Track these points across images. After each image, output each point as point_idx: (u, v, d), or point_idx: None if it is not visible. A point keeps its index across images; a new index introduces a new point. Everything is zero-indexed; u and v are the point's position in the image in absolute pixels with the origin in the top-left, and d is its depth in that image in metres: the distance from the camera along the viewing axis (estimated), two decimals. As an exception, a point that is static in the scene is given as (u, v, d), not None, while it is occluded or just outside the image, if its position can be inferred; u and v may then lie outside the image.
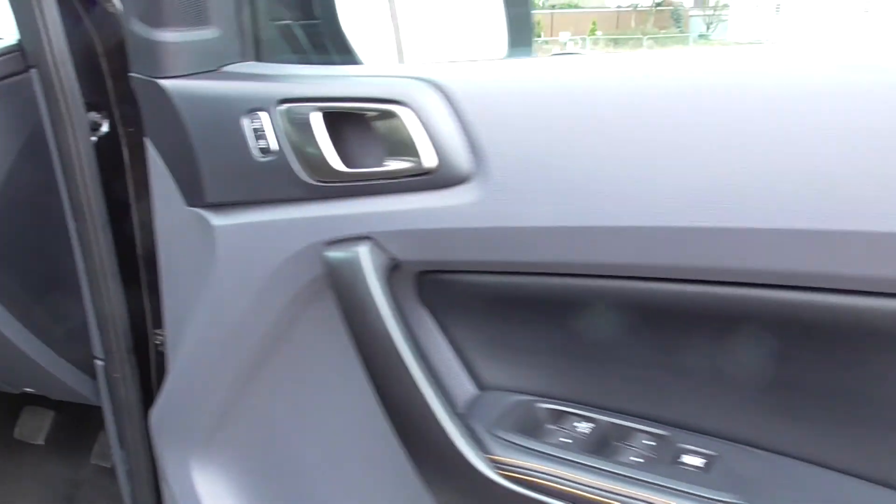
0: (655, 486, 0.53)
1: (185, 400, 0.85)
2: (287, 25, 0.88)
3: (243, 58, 0.79)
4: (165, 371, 0.89)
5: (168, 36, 0.74)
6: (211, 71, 0.76)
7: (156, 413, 0.89)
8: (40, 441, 1.40)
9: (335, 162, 0.65)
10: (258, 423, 0.82)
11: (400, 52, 0.97)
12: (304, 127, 0.66)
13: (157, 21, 0.74)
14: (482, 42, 1.01)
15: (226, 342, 0.77)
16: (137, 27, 0.76)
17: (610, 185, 0.53)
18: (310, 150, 0.66)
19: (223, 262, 0.74)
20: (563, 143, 0.55)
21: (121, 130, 0.94)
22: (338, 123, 0.66)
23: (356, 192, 0.64)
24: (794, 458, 0.55)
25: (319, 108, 0.66)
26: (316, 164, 0.66)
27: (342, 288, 0.64)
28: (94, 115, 0.90)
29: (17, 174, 0.93)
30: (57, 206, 0.92)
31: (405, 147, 0.61)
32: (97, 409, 1.18)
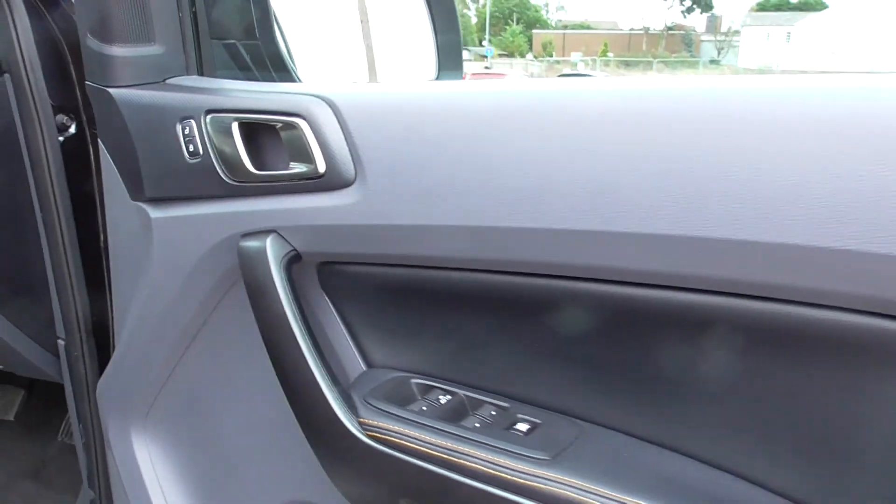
0: (481, 444, 0.62)
1: (128, 374, 0.95)
2: (232, 44, 0.98)
3: (187, 72, 0.89)
4: (111, 347, 0.99)
5: (116, 50, 0.84)
6: (156, 82, 0.86)
7: (102, 385, 0.98)
8: (10, 417, 1.49)
9: (249, 164, 0.75)
10: (187, 395, 0.91)
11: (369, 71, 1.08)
12: (226, 134, 0.77)
13: (106, 37, 0.84)
14: (416, 66, 1.12)
15: (160, 321, 0.87)
16: (90, 41, 0.86)
17: (457, 191, 0.63)
18: (229, 153, 0.76)
19: (159, 250, 0.84)
20: (425, 155, 0.65)
21: (87, 131, 1.04)
22: (253, 132, 0.77)
23: (265, 192, 0.74)
24: (607, 427, 0.64)
25: (237, 119, 0.76)
26: (234, 166, 0.76)
27: (249, 274, 0.73)
28: (61, 118, 1.00)
29: None
30: (25, 199, 1.02)
31: (304, 154, 0.71)
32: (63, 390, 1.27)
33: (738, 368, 0.58)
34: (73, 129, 1.02)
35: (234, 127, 0.76)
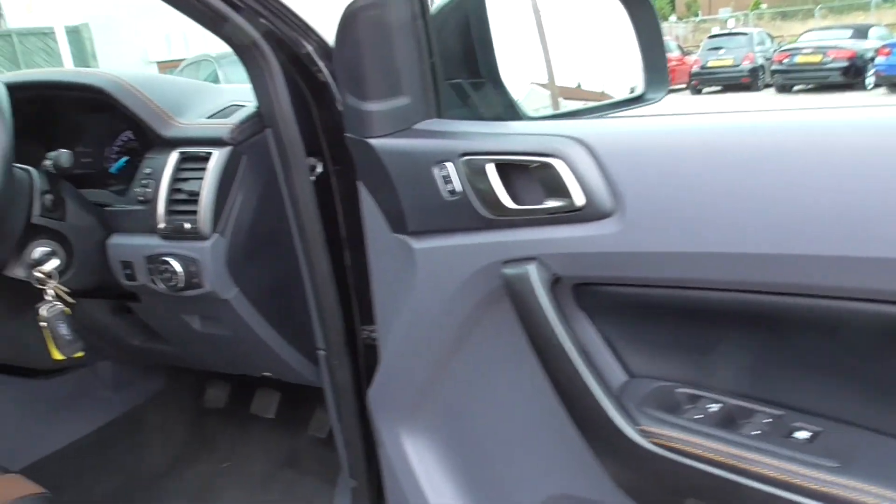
0: (770, 453, 0.68)
1: (395, 382, 1.09)
2: (458, 84, 1.09)
3: (427, 116, 1.01)
4: (378, 359, 1.14)
5: (372, 106, 0.97)
6: (404, 129, 0.99)
7: (372, 393, 1.14)
8: (271, 415, 1.73)
9: (506, 200, 0.85)
10: (452, 401, 1.04)
11: (555, 99, 1.16)
12: (481, 174, 0.87)
13: (364, 95, 0.97)
14: (621, 84, 1.18)
15: (425, 337, 1.00)
16: (350, 100, 1.00)
17: (713, 221, 0.69)
18: (486, 191, 0.87)
19: (422, 277, 0.97)
20: (680, 187, 0.72)
21: (331, 170, 1.20)
22: (506, 170, 0.87)
23: (523, 224, 0.84)
24: (889, 435, 0.68)
25: (493, 160, 0.87)
26: (491, 202, 0.87)
27: (517, 297, 0.84)
28: (311, 160, 1.17)
29: (262, 208, 1.23)
30: (287, 230, 1.20)
31: (559, 189, 0.80)
32: (313, 390, 1.46)
33: None
34: (319, 169, 1.18)
35: (490, 168, 0.87)
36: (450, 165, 0.90)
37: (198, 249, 1.15)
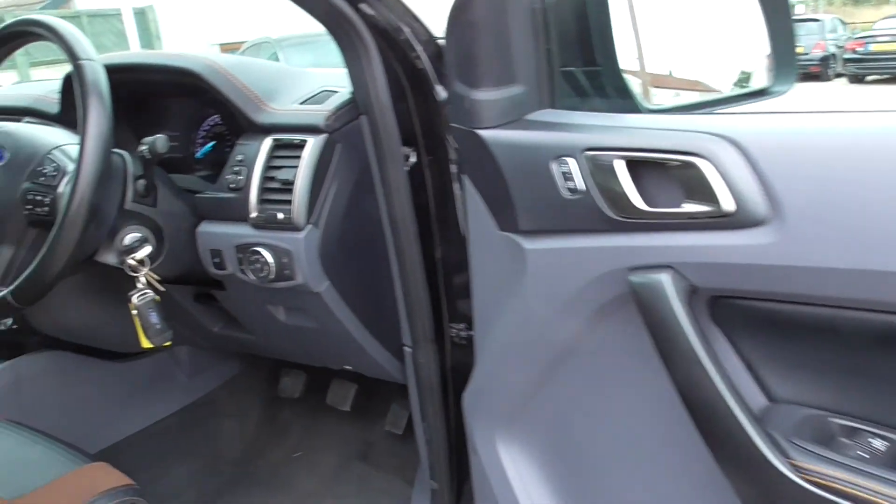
0: None
1: (493, 386, 1.04)
2: (571, 72, 1.02)
3: (540, 106, 0.95)
4: (473, 361, 1.09)
5: (483, 95, 0.91)
6: (515, 121, 0.93)
7: (467, 396, 1.09)
8: (346, 408, 1.70)
9: (638, 201, 0.78)
10: (557, 410, 0.98)
11: (671, 91, 1.08)
12: (608, 171, 0.81)
13: (474, 83, 0.92)
14: (738, 74, 1.09)
15: (531, 342, 0.94)
16: (459, 88, 0.94)
17: (885, 235, 0.61)
18: (614, 190, 0.80)
19: (532, 279, 0.90)
20: (853, 195, 0.64)
21: (424, 160, 1.15)
22: (636, 168, 0.80)
23: (657, 228, 0.77)
24: None
25: (623, 157, 0.80)
26: (619, 202, 0.80)
27: (647, 307, 0.77)
28: (405, 150, 1.12)
29: (355, 198, 1.18)
30: (378, 222, 1.16)
31: (703, 192, 0.73)
32: (389, 384, 1.43)
33: None
34: (413, 160, 1.13)
35: (619, 165, 0.80)
36: (571, 161, 0.84)
37: (291, 240, 1.11)
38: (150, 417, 1.73)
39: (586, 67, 1.03)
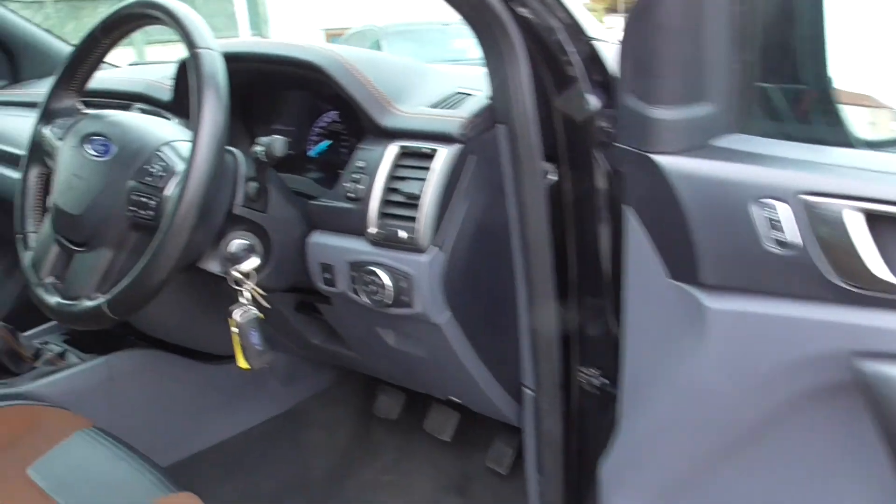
0: None
1: (641, 457, 0.88)
2: (765, 89, 0.84)
3: (727, 130, 0.78)
4: (612, 420, 0.93)
5: (664, 113, 0.75)
6: (701, 147, 0.76)
7: (609, 466, 0.93)
8: (446, 438, 1.57)
9: (877, 268, 0.61)
10: (716, 495, 0.82)
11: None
12: (836, 224, 0.63)
13: (655, 99, 0.76)
14: None
15: (702, 419, 0.78)
16: (632, 103, 0.78)
17: None
18: (842, 249, 0.62)
19: (714, 345, 0.74)
20: None
21: (567, 180, 0.99)
22: (877, 224, 0.62)
23: None
24: None
25: (862, 210, 0.62)
26: (850, 266, 0.62)
27: (881, 406, 0.59)
28: (545, 166, 0.97)
29: (486, 220, 1.03)
30: (508, 247, 1.01)
31: None
32: (490, 419, 1.28)
33: None
34: (552, 178, 0.98)
35: (855, 218, 0.62)
36: (781, 206, 0.66)
37: (413, 263, 0.98)
38: (241, 424, 1.65)
39: (788, 84, 0.85)
